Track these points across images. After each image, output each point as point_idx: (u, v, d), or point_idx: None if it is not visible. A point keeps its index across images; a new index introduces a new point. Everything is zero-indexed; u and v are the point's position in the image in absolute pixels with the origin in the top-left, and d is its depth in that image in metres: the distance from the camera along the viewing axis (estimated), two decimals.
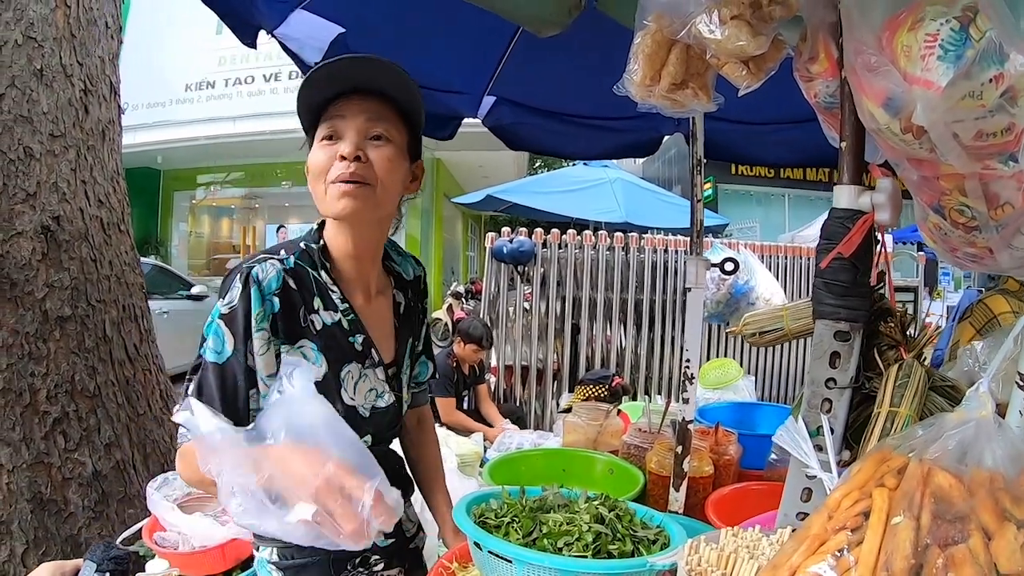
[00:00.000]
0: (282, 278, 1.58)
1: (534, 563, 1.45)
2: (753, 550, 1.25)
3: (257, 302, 1.52)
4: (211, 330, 1.53)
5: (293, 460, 1.17)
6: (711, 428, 2.81)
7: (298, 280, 1.62)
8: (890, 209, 1.31)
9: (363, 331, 1.72)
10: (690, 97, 1.66)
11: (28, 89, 3.22)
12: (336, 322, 1.67)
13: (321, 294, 1.66)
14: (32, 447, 3.09)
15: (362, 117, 1.61)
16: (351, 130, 1.60)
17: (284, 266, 1.60)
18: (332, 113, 1.62)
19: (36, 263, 3.16)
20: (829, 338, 1.41)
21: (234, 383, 1.52)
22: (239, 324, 1.52)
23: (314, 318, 1.63)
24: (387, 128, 1.64)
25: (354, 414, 1.69)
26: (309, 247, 1.69)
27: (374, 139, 1.62)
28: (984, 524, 0.85)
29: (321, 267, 1.68)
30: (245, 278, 1.54)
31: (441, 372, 5.44)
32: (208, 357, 1.52)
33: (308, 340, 1.62)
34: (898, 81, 1.01)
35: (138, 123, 15.64)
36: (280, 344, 1.57)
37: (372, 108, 1.63)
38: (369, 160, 1.60)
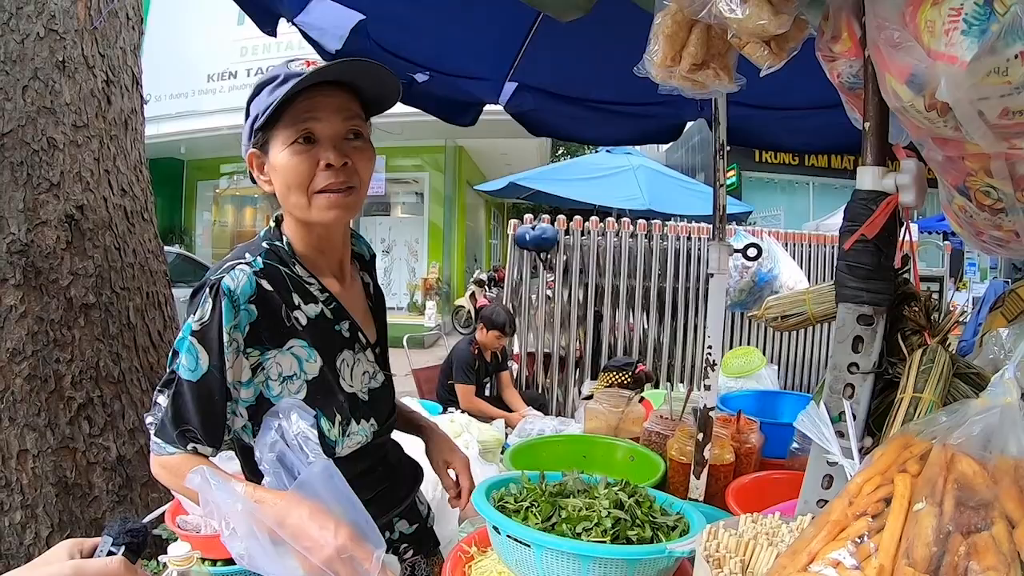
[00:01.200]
0: (255, 282, 1.52)
1: (552, 547, 1.45)
2: (772, 537, 1.23)
3: (229, 315, 1.47)
4: (183, 347, 1.48)
5: (304, 522, 1.28)
6: (733, 416, 2.79)
7: (272, 280, 1.56)
8: (915, 191, 1.29)
9: (347, 316, 1.70)
10: (711, 78, 1.63)
11: (51, 80, 3.24)
12: (320, 313, 1.63)
13: (298, 289, 1.61)
14: (57, 432, 3.12)
15: (338, 118, 1.55)
16: (330, 133, 1.55)
17: (254, 269, 1.54)
18: (304, 111, 1.53)
19: (61, 251, 3.18)
20: (852, 322, 1.39)
21: (210, 400, 1.49)
22: (213, 339, 1.47)
23: (297, 315, 1.59)
24: (358, 121, 1.61)
25: (355, 400, 1.67)
26: (274, 245, 1.63)
27: (351, 137, 1.59)
28: (1008, 512, 0.83)
29: (292, 262, 1.63)
30: (215, 291, 1.48)
31: (462, 359, 5.46)
32: (183, 375, 1.48)
33: (296, 339, 1.58)
34: (922, 57, 0.98)
35: (162, 114, 15.70)
36: (264, 351, 1.54)
37: (344, 104, 1.58)
38: (352, 163, 1.56)
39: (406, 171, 17.77)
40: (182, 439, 1.49)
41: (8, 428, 3.03)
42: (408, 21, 2.93)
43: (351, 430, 1.64)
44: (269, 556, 1.25)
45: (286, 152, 1.53)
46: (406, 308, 17.50)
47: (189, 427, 1.48)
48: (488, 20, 2.97)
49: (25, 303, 3.08)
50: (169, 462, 1.51)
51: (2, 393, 3.04)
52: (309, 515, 1.28)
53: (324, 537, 1.25)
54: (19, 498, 3.05)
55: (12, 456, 3.03)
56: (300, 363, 1.57)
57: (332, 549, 1.24)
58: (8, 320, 3.05)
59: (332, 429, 1.59)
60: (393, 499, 1.82)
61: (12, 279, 3.06)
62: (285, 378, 1.56)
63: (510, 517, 1.59)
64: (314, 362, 1.59)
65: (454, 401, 5.32)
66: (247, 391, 1.53)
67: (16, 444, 3.04)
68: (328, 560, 1.24)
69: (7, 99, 3.13)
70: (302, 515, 1.28)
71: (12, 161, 3.11)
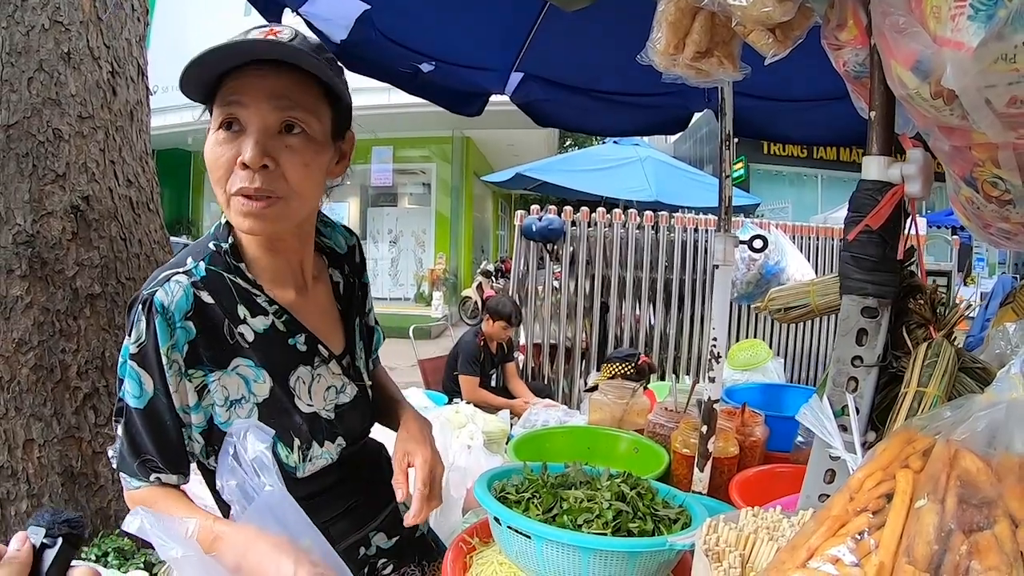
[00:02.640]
0: (192, 296, 1.35)
1: (553, 539, 1.44)
2: (773, 531, 1.22)
3: (164, 335, 1.32)
4: (125, 372, 1.35)
5: (262, 557, 1.17)
6: (738, 409, 2.78)
7: (214, 291, 1.39)
8: (921, 181, 1.26)
9: (302, 329, 1.52)
10: (715, 66, 1.61)
11: (56, 72, 3.24)
12: (270, 326, 1.46)
13: (244, 300, 1.43)
14: (63, 422, 3.13)
15: (267, 104, 1.30)
16: (254, 122, 1.30)
17: (192, 278, 1.37)
18: (229, 93, 1.32)
19: (66, 242, 3.19)
20: (856, 314, 1.37)
21: (162, 426, 1.36)
22: (152, 361, 1.33)
23: (243, 330, 1.42)
24: (301, 112, 1.34)
25: (316, 420, 1.52)
26: (219, 247, 1.45)
27: (286, 131, 1.34)
28: (1011, 511, 0.80)
29: (234, 271, 1.44)
30: (147, 309, 1.33)
31: (468, 350, 5.46)
32: (129, 402, 1.35)
33: (241, 357, 1.42)
34: (927, 43, 0.96)
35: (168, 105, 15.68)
36: (207, 371, 1.39)
37: (279, 86, 1.32)
38: (279, 165, 1.32)
39: (413, 162, 17.78)
40: (143, 470, 1.37)
41: (14, 418, 3.04)
42: (413, 10, 2.92)
43: (312, 453, 1.51)
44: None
45: (211, 138, 1.35)
46: (413, 299, 17.55)
47: (148, 456, 1.36)
48: (494, 10, 2.96)
49: (31, 294, 3.08)
50: (135, 496, 1.39)
51: (8, 383, 3.04)
52: (269, 549, 1.17)
53: (286, 572, 1.15)
54: (25, 487, 3.06)
55: (18, 446, 3.04)
56: (248, 384, 1.42)
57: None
58: (14, 310, 3.06)
59: (291, 455, 1.47)
60: (367, 513, 1.69)
61: (18, 270, 3.06)
62: (232, 402, 1.41)
63: (511, 508, 1.58)
64: (263, 382, 1.44)
65: (460, 392, 5.33)
66: (197, 416, 1.40)
67: (22, 434, 3.05)
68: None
69: (12, 91, 3.13)
70: (261, 551, 1.18)
71: (18, 152, 3.11)
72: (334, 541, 1.39)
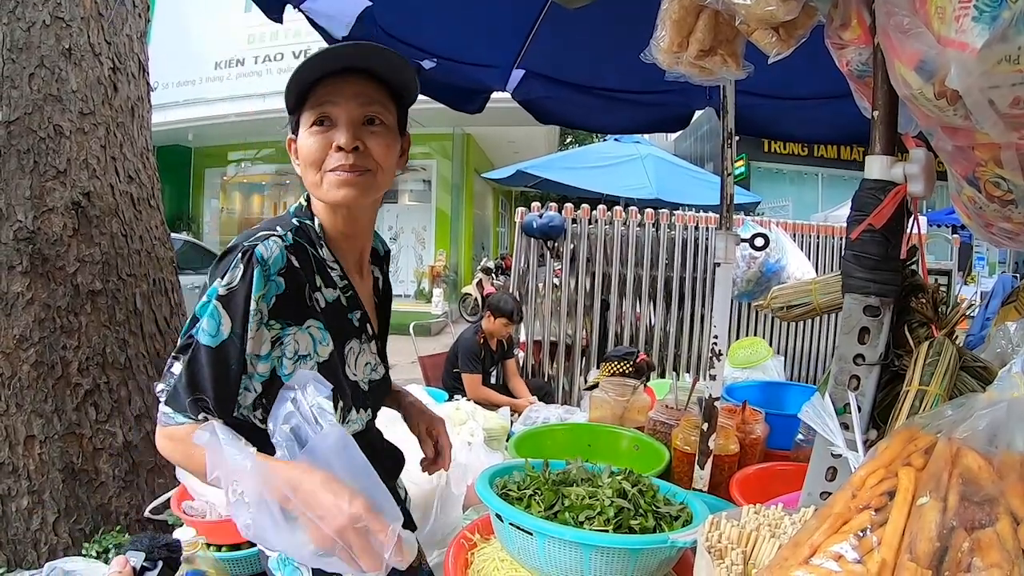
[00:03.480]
0: (286, 256, 1.49)
1: (554, 536, 1.45)
2: (775, 528, 1.22)
3: (259, 283, 1.43)
4: (206, 311, 1.44)
5: (317, 488, 1.21)
6: (738, 406, 2.79)
7: (299, 257, 1.54)
8: (923, 180, 1.26)
9: (360, 307, 1.70)
10: (719, 64, 1.61)
11: (57, 68, 3.24)
12: (336, 299, 1.63)
13: (321, 271, 1.60)
14: (64, 418, 3.13)
15: (354, 103, 1.55)
16: (345, 117, 1.54)
17: (285, 243, 1.51)
18: (322, 97, 1.55)
19: (67, 238, 3.18)
20: (858, 313, 1.37)
21: (226, 367, 1.44)
22: (238, 306, 1.43)
23: (317, 296, 1.58)
24: (379, 110, 1.59)
25: (357, 389, 1.67)
26: (304, 224, 1.62)
27: (368, 123, 1.58)
28: (1013, 508, 0.81)
29: (319, 244, 1.62)
30: (247, 257, 1.44)
31: (468, 348, 5.45)
32: (201, 339, 1.43)
33: (314, 319, 1.56)
34: (932, 43, 0.96)
35: (169, 101, 15.71)
36: (285, 325, 1.51)
37: (364, 91, 1.57)
38: (367, 148, 1.55)
39: (414, 158, 17.65)
40: (194, 407, 1.43)
41: (15, 414, 3.04)
42: (415, 7, 2.92)
43: (350, 418, 1.64)
44: (278, 526, 1.21)
45: (305, 134, 1.56)
46: (413, 296, 17.51)
47: (202, 396, 1.43)
48: (495, 7, 2.96)
49: (32, 290, 3.08)
50: (177, 432, 1.45)
51: (9, 379, 3.04)
52: (322, 482, 1.22)
53: (337, 505, 1.19)
54: (26, 484, 3.05)
55: (19, 442, 3.04)
56: (315, 343, 1.56)
57: (345, 518, 1.18)
58: (15, 307, 3.06)
59: (335, 414, 1.48)
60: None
61: (19, 266, 3.06)
62: (300, 357, 1.53)
63: (513, 505, 1.60)
64: (327, 345, 1.58)
65: (460, 389, 5.31)
66: (263, 365, 1.49)
67: (23, 430, 3.05)
68: (340, 529, 1.18)
69: (13, 87, 3.13)
70: (314, 482, 1.22)
71: (19, 149, 3.11)
72: None
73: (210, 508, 2.45)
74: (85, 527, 3.15)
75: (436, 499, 2.85)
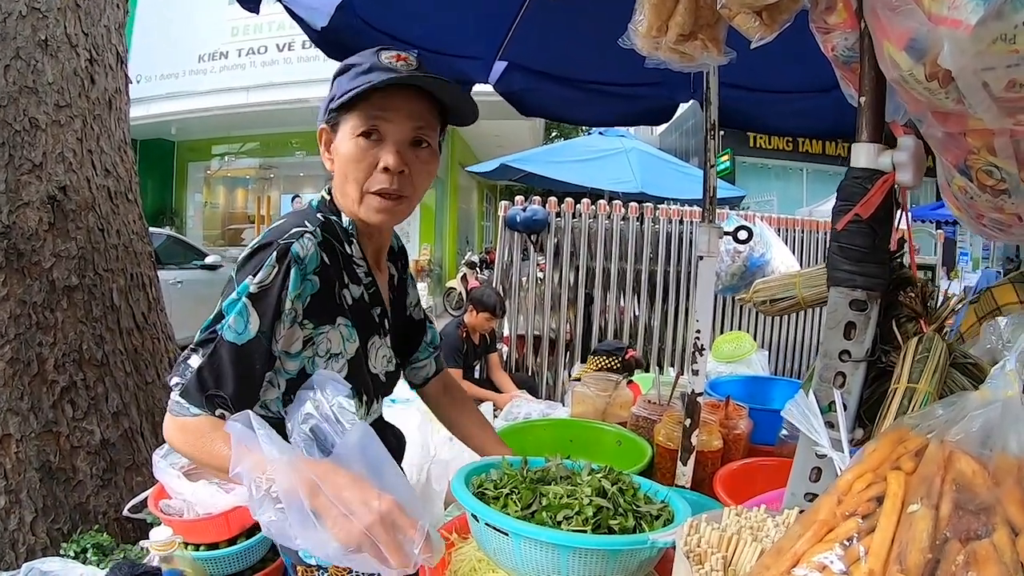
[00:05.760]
0: (319, 255, 1.53)
1: (531, 537, 1.42)
2: (757, 532, 1.18)
3: (296, 282, 1.47)
4: (235, 309, 1.44)
5: (345, 487, 1.22)
6: (722, 401, 2.77)
7: (330, 254, 1.57)
8: (912, 169, 1.21)
9: (381, 303, 1.75)
10: (699, 49, 1.57)
11: (33, 60, 3.18)
12: (360, 295, 1.67)
13: (347, 268, 1.64)
14: (40, 416, 3.08)
15: (408, 123, 1.57)
16: (396, 137, 1.57)
17: (316, 239, 1.54)
18: (378, 107, 1.55)
19: (43, 233, 3.13)
20: (844, 307, 1.32)
21: (250, 366, 1.45)
22: (270, 304, 1.45)
23: (345, 293, 1.62)
24: (428, 132, 1.62)
25: (377, 380, 1.75)
26: (329, 219, 1.64)
27: (415, 144, 1.60)
28: (1010, 517, 0.76)
29: (347, 241, 1.66)
30: (283, 255, 1.46)
31: (450, 343, 5.43)
32: (227, 336, 1.43)
33: (343, 316, 1.60)
34: (923, 21, 0.91)
35: (152, 94, 15.64)
36: (318, 324, 1.55)
37: (420, 110, 1.59)
38: (410, 172, 1.58)
39: None
40: (210, 404, 1.43)
41: None
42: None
43: (372, 409, 1.75)
44: (303, 523, 1.20)
45: (351, 141, 1.56)
46: None
47: (220, 393, 1.43)
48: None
49: (7, 286, 3.03)
50: (190, 424, 1.44)
51: None
52: (351, 480, 1.24)
53: (367, 502, 1.20)
54: (2, 483, 3.01)
55: None
56: (343, 341, 1.61)
57: (375, 514, 1.19)
58: None
59: (361, 408, 1.66)
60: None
61: None
62: (332, 355, 1.59)
63: (489, 504, 1.56)
64: (354, 342, 1.63)
65: None
66: (293, 363, 1.54)
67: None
68: (371, 525, 1.18)
69: None
70: (343, 479, 1.23)
71: None
72: None
73: (187, 507, 2.41)
74: (63, 527, 3.11)
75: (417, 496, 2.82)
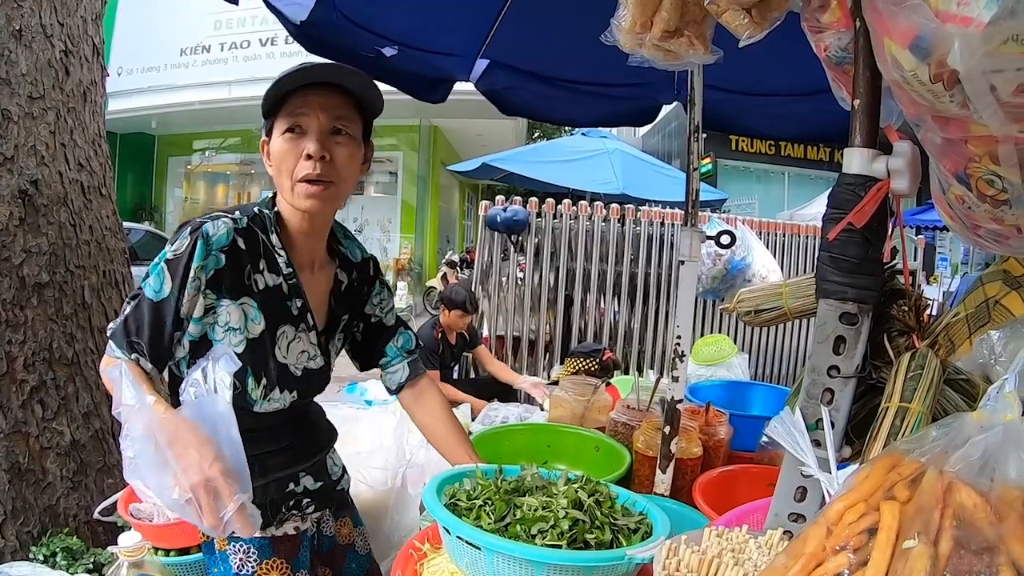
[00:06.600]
0: (232, 236, 1.71)
1: (504, 552, 1.39)
2: (739, 554, 1.13)
3: (200, 255, 1.66)
4: (156, 270, 1.68)
5: (188, 443, 1.42)
6: (702, 407, 2.74)
7: (248, 240, 1.75)
8: (908, 176, 1.16)
9: (302, 296, 1.86)
10: (685, 47, 1.52)
11: (6, 51, 3.09)
12: (277, 285, 1.81)
13: (267, 257, 1.79)
14: (9, 416, 3.00)
15: (325, 115, 1.73)
16: (315, 127, 1.73)
17: (236, 225, 1.73)
18: (296, 106, 1.73)
19: (13, 228, 3.04)
20: (834, 321, 1.27)
21: (163, 321, 1.67)
22: (179, 271, 1.66)
23: (257, 278, 1.77)
24: (346, 123, 1.78)
25: (286, 371, 1.84)
26: (263, 212, 1.82)
27: (335, 133, 1.76)
28: (1015, 557, 0.70)
29: (272, 232, 1.81)
30: (195, 230, 1.67)
31: (425, 344, 5.38)
32: (147, 293, 1.68)
33: (249, 297, 1.76)
34: (929, 17, 0.85)
35: (133, 88, 15.55)
36: (220, 297, 1.72)
37: (333, 103, 1.75)
38: (332, 158, 1.74)
39: (380, 150, 17.54)
40: (130, 347, 1.68)
41: None
42: None
43: (272, 396, 1.82)
44: (152, 466, 1.42)
45: (279, 140, 1.74)
46: None
47: (139, 340, 1.68)
48: None
49: None
50: (110, 362, 1.69)
51: None
52: (195, 441, 1.42)
53: (199, 463, 1.39)
54: None
55: None
56: (246, 320, 1.75)
57: (201, 476, 1.38)
58: None
59: (256, 390, 1.79)
60: (301, 455, 1.97)
61: None
62: (231, 328, 1.74)
63: (462, 516, 1.53)
64: (258, 324, 1.77)
65: None
66: (195, 327, 1.72)
67: None
68: (194, 485, 1.37)
69: None
70: (188, 438, 1.42)
71: None
72: (268, 471, 1.83)
73: (158, 511, 2.36)
74: (32, 529, 3.02)
75: (391, 501, 2.80)
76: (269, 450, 1.87)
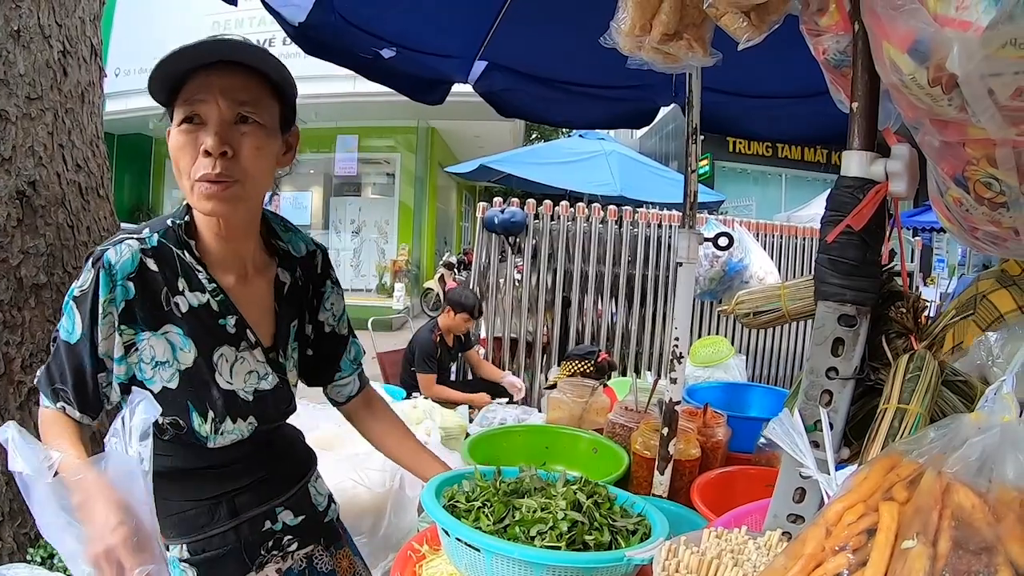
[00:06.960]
0: (139, 260, 1.51)
1: (502, 553, 1.39)
2: (738, 555, 1.14)
3: (106, 288, 1.47)
4: (67, 309, 1.50)
5: (95, 507, 1.23)
6: (699, 409, 2.74)
7: (160, 261, 1.54)
8: (907, 179, 1.17)
9: (235, 312, 1.64)
10: (684, 49, 1.52)
11: (4, 51, 3.10)
12: (204, 304, 1.59)
13: (186, 275, 1.57)
14: (7, 417, 2.99)
15: (226, 101, 1.47)
16: (214, 115, 1.47)
17: (144, 245, 1.53)
18: (191, 92, 1.48)
19: (11, 229, 3.05)
20: (832, 323, 1.28)
21: (82, 364, 1.50)
22: (87, 309, 1.48)
23: (179, 300, 1.56)
24: (253, 108, 1.51)
25: (234, 398, 1.63)
26: (176, 224, 1.59)
27: (240, 122, 1.50)
28: (1013, 558, 0.71)
29: (184, 247, 1.58)
30: (96, 261, 1.49)
31: (424, 348, 5.43)
32: (62, 335, 1.51)
33: (172, 324, 1.55)
34: (928, 21, 0.86)
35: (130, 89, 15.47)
36: (139, 331, 1.53)
37: (236, 86, 1.49)
38: (236, 152, 1.48)
39: (378, 151, 17.66)
40: (55, 396, 1.52)
41: None
42: None
43: (225, 428, 1.62)
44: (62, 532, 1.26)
45: (175, 132, 1.50)
46: (375, 290, 17.43)
47: (63, 387, 1.51)
48: None
49: None
50: (43, 414, 1.56)
51: None
52: (104, 503, 1.23)
53: (103, 531, 1.21)
54: None
55: None
56: (174, 350, 1.56)
57: (102, 546, 1.20)
58: None
59: (204, 425, 1.59)
60: (275, 488, 1.77)
61: None
62: (158, 363, 1.55)
63: (460, 518, 1.53)
64: (188, 352, 1.57)
65: (417, 386, 5.28)
66: (120, 367, 1.52)
67: None
68: (95, 556, 1.20)
69: None
70: (96, 500, 1.24)
71: None
72: (239, 511, 1.66)
73: None
74: (30, 531, 3.02)
75: (389, 503, 2.79)
76: (236, 487, 1.69)
